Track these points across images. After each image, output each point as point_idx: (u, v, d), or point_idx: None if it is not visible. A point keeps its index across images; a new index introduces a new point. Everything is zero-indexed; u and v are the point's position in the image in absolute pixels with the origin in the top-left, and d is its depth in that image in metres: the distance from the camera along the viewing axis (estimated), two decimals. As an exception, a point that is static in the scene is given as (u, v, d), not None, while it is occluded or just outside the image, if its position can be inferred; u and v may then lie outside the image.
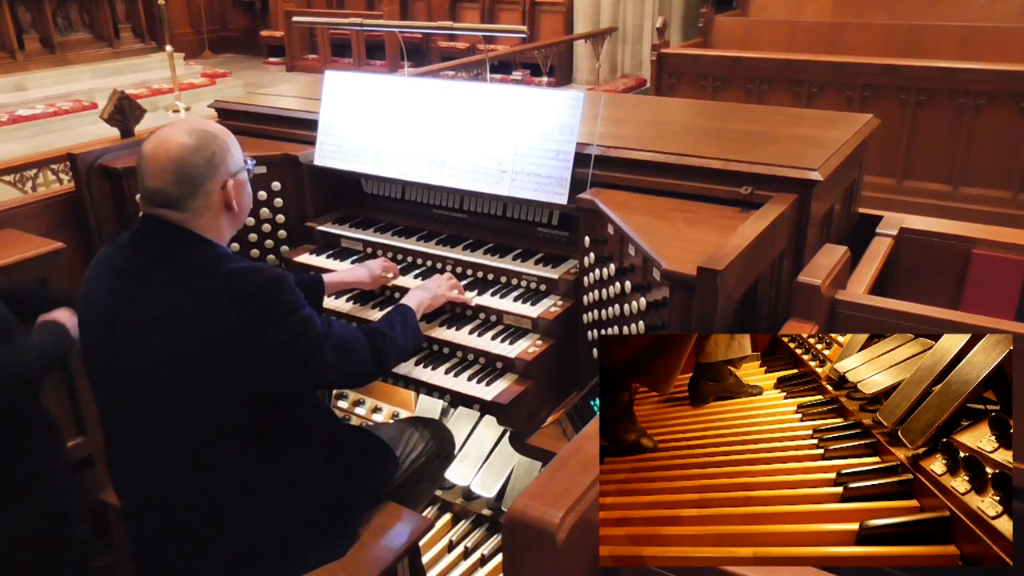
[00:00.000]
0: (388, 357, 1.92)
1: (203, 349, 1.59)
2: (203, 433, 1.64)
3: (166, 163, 1.63)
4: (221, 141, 1.70)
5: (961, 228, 2.42)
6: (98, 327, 1.69)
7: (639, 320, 1.92)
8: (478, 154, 2.38)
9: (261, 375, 1.62)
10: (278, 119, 2.83)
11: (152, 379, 1.62)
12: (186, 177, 1.63)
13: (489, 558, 2.58)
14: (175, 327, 1.60)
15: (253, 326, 1.60)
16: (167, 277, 1.63)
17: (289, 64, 11.53)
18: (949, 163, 5.08)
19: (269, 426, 1.70)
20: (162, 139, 1.65)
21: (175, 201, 1.64)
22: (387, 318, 2.03)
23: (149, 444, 1.68)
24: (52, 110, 8.15)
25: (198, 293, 1.61)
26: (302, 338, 1.66)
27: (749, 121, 2.58)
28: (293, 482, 1.75)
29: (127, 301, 1.64)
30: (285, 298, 1.65)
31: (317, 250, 2.63)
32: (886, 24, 6.13)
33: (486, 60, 6.55)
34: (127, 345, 1.63)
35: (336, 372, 1.75)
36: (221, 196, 1.69)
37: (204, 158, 1.65)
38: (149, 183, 1.64)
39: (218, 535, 1.71)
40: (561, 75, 9.59)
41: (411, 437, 2.17)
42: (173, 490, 1.69)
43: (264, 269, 1.68)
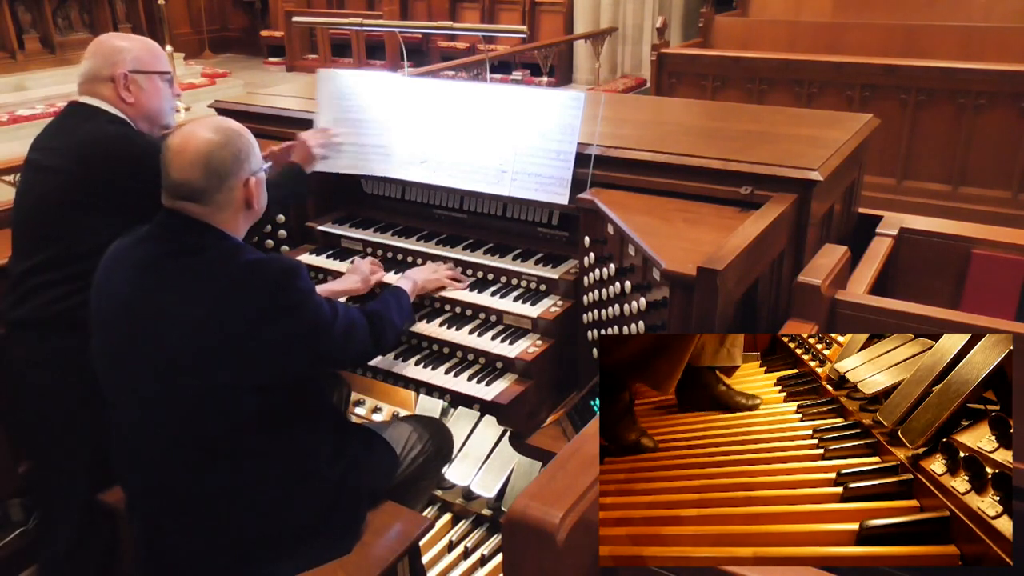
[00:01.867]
0: (386, 337, 2.01)
1: (221, 337, 1.63)
2: (213, 421, 1.66)
3: (194, 156, 1.68)
4: (246, 139, 1.78)
5: (961, 228, 2.42)
6: (115, 317, 1.72)
7: (639, 320, 1.92)
8: (479, 154, 2.38)
9: (275, 361, 1.67)
10: (278, 119, 2.83)
11: (169, 366, 1.65)
12: (213, 170, 1.69)
13: (489, 558, 2.57)
14: (193, 318, 1.64)
15: (268, 315, 1.66)
16: (187, 268, 1.68)
17: (289, 64, 11.53)
18: (949, 163, 5.08)
19: (278, 415, 1.73)
20: (189, 134, 1.71)
21: (200, 194, 1.69)
22: (383, 299, 2.09)
23: (160, 434, 1.69)
24: (52, 110, 8.13)
25: (217, 283, 1.66)
26: (315, 324, 1.73)
27: (749, 121, 2.58)
28: (298, 472, 1.77)
29: (146, 291, 1.68)
30: (300, 285, 1.71)
31: (317, 250, 2.63)
32: (886, 24, 6.13)
33: (486, 60, 6.55)
34: (146, 333, 1.67)
35: (342, 354, 1.86)
36: (243, 193, 1.75)
37: (231, 153, 1.72)
38: (175, 175, 1.69)
39: (223, 526, 1.72)
40: (561, 75, 9.58)
41: (410, 436, 2.18)
42: (181, 480, 1.71)
43: (279, 258, 1.77)
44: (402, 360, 2.26)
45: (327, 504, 1.82)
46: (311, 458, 1.80)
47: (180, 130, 1.74)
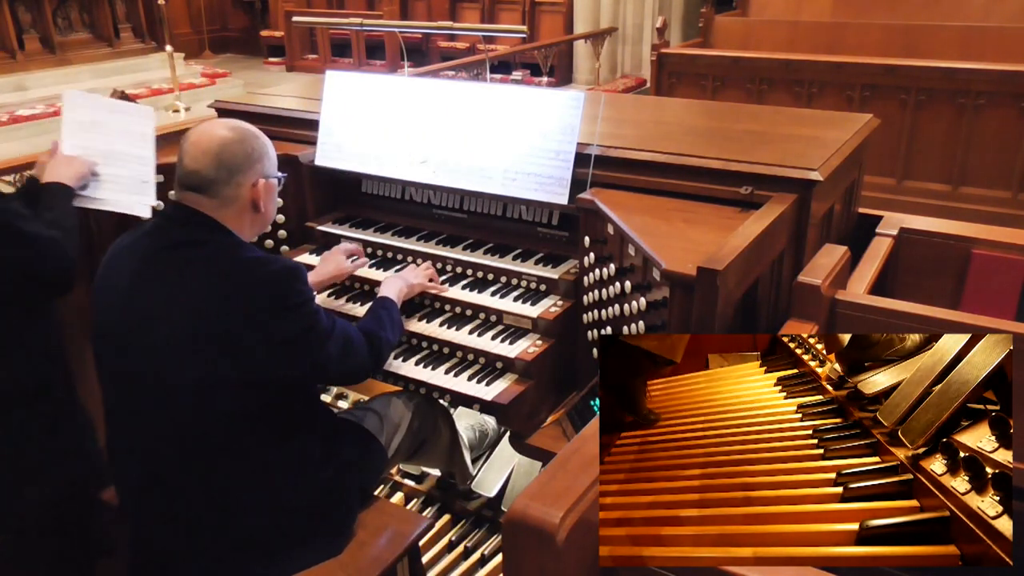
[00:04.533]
0: (383, 355, 2.01)
1: (216, 332, 1.63)
2: (204, 418, 1.66)
3: (208, 147, 1.72)
4: (262, 143, 1.81)
5: (961, 228, 2.42)
6: (115, 310, 1.73)
7: (639, 320, 1.92)
8: (479, 154, 2.38)
9: (269, 362, 1.66)
10: (278, 119, 2.83)
11: (165, 360, 1.65)
12: (224, 163, 1.72)
13: (489, 558, 2.57)
14: (191, 309, 1.64)
15: (266, 313, 1.66)
16: (187, 260, 1.69)
17: (289, 64, 11.53)
18: (949, 163, 5.08)
19: (271, 413, 1.73)
20: (206, 128, 1.76)
21: (208, 185, 1.72)
22: (375, 316, 2.07)
23: (154, 430, 1.69)
24: (52, 110, 8.13)
25: (215, 278, 1.66)
26: (311, 330, 1.72)
27: (749, 121, 2.58)
28: (290, 473, 1.77)
29: (146, 282, 1.69)
30: (299, 287, 1.72)
31: (317, 250, 2.63)
32: (886, 24, 6.13)
33: (486, 60, 6.55)
34: (143, 325, 1.67)
35: (337, 367, 1.81)
36: (251, 193, 1.77)
37: (244, 151, 1.75)
38: (188, 164, 1.73)
39: (212, 525, 1.72)
40: (561, 75, 9.58)
41: (392, 419, 2.17)
42: (174, 477, 1.70)
43: (280, 259, 1.76)
44: (402, 360, 2.26)
45: (317, 504, 1.82)
46: (302, 458, 1.79)
47: (200, 125, 1.78)
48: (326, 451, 1.86)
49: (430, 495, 2.82)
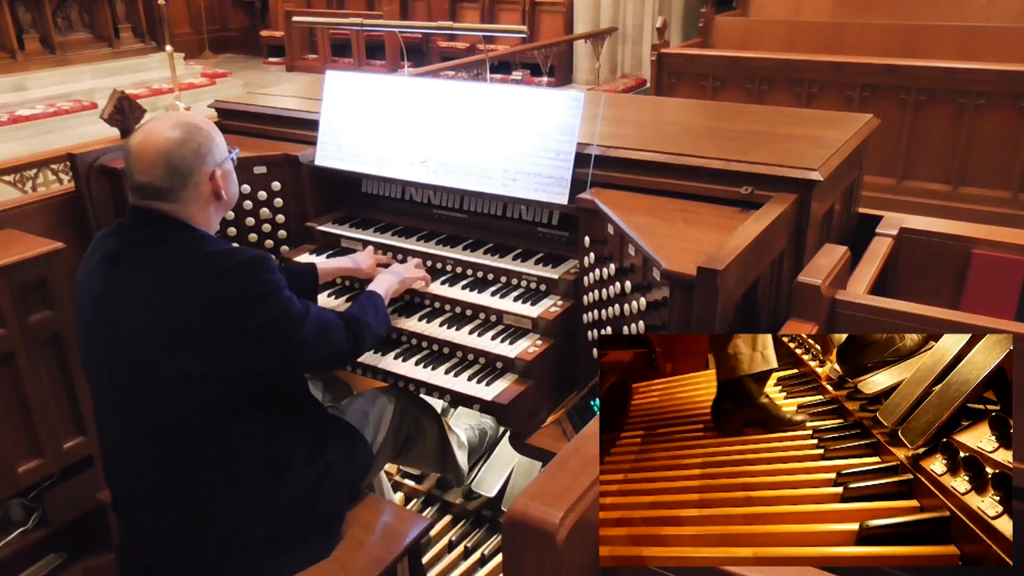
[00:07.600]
0: (364, 340, 1.99)
1: (187, 329, 1.62)
2: (185, 414, 1.66)
3: (155, 157, 1.67)
4: (206, 132, 1.74)
5: (961, 228, 2.42)
6: (89, 310, 1.72)
7: (639, 320, 1.92)
8: (479, 154, 2.38)
9: (242, 352, 1.65)
10: (278, 119, 2.83)
11: (139, 359, 1.64)
12: (175, 170, 1.68)
13: (489, 558, 2.58)
14: (159, 306, 1.63)
15: (235, 303, 1.64)
16: (151, 258, 1.67)
17: (289, 64, 11.53)
18: (949, 163, 5.08)
19: (255, 407, 1.72)
20: (148, 133, 1.69)
21: (165, 193, 1.69)
22: (359, 304, 2.08)
23: (137, 430, 1.69)
24: (52, 110, 8.15)
25: (181, 273, 1.65)
26: (283, 316, 1.70)
27: (749, 121, 2.58)
28: (275, 469, 1.76)
29: (112, 283, 1.68)
30: (266, 276, 1.69)
31: (317, 250, 2.63)
32: (886, 24, 6.13)
33: (486, 60, 6.55)
34: (114, 327, 1.66)
35: (315, 351, 1.79)
36: (210, 186, 1.74)
37: (191, 150, 1.69)
38: (139, 178, 1.68)
39: (198, 524, 1.71)
40: (561, 75, 9.58)
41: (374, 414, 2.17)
42: (159, 477, 1.70)
43: (245, 250, 1.72)
44: (402, 360, 2.26)
45: (304, 503, 1.81)
46: (288, 454, 1.79)
47: (140, 129, 1.72)
48: (313, 445, 1.85)
49: (430, 495, 2.82)
